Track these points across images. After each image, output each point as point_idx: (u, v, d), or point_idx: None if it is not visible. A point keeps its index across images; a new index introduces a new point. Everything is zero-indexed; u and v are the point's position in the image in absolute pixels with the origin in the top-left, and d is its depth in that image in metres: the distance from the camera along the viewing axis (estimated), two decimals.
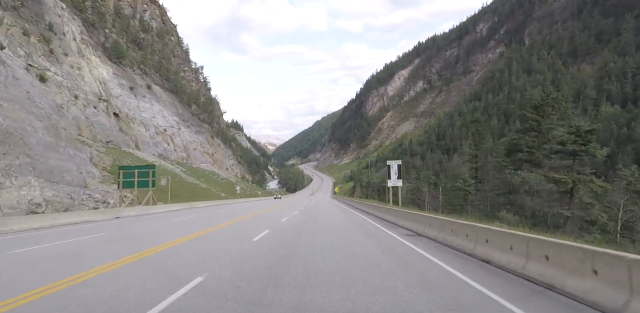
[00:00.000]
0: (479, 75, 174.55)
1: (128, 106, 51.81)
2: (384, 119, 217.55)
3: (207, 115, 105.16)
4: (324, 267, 6.09)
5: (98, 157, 30.69)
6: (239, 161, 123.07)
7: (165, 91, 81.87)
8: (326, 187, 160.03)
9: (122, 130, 46.38)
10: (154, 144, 54.15)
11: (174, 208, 26.69)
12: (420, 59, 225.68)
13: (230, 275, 5.32)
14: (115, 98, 48.56)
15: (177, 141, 64.06)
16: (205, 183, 54.10)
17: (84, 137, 35.19)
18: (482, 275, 5.64)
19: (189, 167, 60.82)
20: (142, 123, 54.44)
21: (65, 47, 40.39)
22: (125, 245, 9.07)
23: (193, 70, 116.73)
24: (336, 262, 6.56)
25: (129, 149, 44.83)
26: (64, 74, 37.37)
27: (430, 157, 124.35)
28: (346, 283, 4.95)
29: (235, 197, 54.96)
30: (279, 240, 9.69)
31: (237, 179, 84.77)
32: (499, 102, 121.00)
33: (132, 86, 56.78)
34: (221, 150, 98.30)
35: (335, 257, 7.12)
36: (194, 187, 43.78)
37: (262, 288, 4.56)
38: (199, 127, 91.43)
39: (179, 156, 62.86)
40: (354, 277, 5.33)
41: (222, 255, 7.26)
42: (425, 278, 5.33)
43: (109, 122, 41.90)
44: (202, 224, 14.48)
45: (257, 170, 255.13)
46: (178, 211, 24.17)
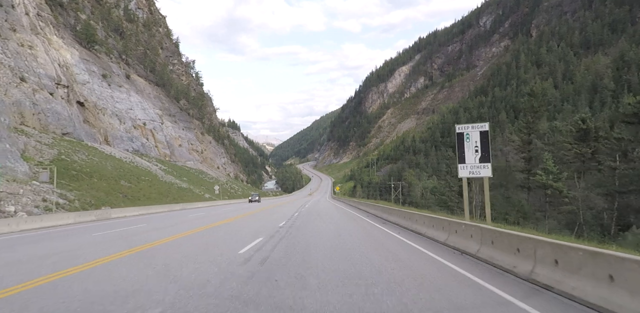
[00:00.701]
0: (483, 70, 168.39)
1: (98, 95, 45.26)
2: (385, 116, 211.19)
3: (197, 110, 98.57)
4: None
5: (35, 150, 24.15)
6: (233, 160, 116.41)
7: (150, 83, 75.38)
8: (325, 186, 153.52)
9: (88, 122, 39.87)
10: (129, 139, 47.63)
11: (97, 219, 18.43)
12: (421, 54, 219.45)
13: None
14: (81, 85, 42.02)
15: (160, 136, 57.51)
16: (189, 182, 47.54)
17: (28, 126, 28.61)
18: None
19: (171, 165, 54.26)
20: (116, 115, 47.90)
21: (14, 21, 33.78)
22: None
23: (183, 64, 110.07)
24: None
25: (95, 143, 38.29)
26: (7, 51, 30.76)
27: (435, 154, 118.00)
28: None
29: (223, 198, 48.46)
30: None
31: (228, 179, 78.13)
32: (507, 96, 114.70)
33: (105, 74, 50.20)
34: (212, 148, 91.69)
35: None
36: (168, 187, 37.29)
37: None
38: (188, 122, 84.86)
39: (161, 153, 56.30)
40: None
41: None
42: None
43: (68, 111, 35.31)
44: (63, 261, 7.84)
45: (254, 170, 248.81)
46: (92, 224, 15.33)
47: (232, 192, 61.01)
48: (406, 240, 10.28)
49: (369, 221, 16.50)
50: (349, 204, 38.05)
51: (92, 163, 28.90)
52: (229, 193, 58.06)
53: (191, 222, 15.68)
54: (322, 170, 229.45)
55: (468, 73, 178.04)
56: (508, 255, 5.84)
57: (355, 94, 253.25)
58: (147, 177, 35.77)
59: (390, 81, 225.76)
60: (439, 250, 8.04)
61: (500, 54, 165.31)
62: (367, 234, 11.78)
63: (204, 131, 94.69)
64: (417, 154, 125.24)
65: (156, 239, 9.72)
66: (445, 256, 7.23)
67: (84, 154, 30.17)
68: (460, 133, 12.13)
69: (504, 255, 5.94)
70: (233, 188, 68.12)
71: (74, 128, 34.84)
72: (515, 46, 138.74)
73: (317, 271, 5.66)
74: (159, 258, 6.69)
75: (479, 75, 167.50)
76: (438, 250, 8.04)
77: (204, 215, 19.72)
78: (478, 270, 5.89)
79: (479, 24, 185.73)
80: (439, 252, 7.76)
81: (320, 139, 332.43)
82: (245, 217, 18.60)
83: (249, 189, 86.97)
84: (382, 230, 13.22)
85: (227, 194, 55.73)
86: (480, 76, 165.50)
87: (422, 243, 9.44)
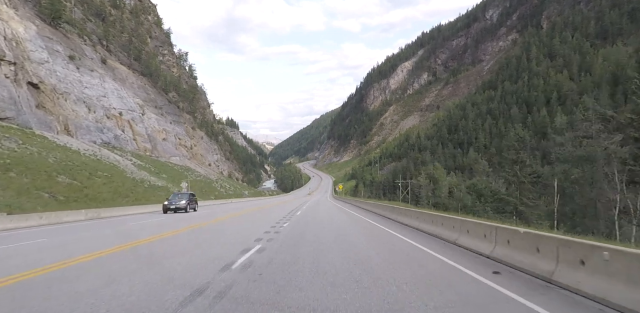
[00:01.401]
0: (490, 65, 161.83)
1: (60, 78, 38.70)
2: (387, 113, 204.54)
3: (188, 104, 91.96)
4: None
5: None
6: (228, 157, 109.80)
7: (134, 72, 68.91)
8: (326, 186, 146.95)
9: (44, 107, 33.38)
10: (98, 129, 41.09)
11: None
12: (424, 49, 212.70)
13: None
14: (36, 64, 35.51)
15: (139, 129, 50.99)
16: (169, 180, 41.02)
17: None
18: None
19: (151, 160, 47.74)
20: (84, 102, 41.37)
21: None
22: None
23: (175, 55, 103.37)
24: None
25: (49, 131, 31.78)
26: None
27: (441, 151, 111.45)
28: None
29: (209, 198, 42.00)
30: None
31: (219, 177, 71.57)
32: (518, 90, 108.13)
33: (73, 56, 43.66)
34: (204, 144, 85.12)
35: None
36: (134, 185, 30.73)
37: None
38: (177, 116, 78.29)
39: (141, 146, 49.78)
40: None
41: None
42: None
43: (12, 92, 28.79)
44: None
45: (252, 169, 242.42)
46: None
47: (220, 191, 54.48)
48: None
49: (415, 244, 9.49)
50: (356, 206, 31.49)
51: (21, 154, 22.43)
52: (217, 193, 51.58)
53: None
54: (322, 169, 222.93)
55: (474, 68, 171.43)
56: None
57: (356, 90, 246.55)
58: (108, 173, 29.27)
59: (393, 77, 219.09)
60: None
61: (508, 48, 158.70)
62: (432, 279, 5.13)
63: (195, 126, 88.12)
64: (422, 151, 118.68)
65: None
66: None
67: (15, 142, 23.66)
68: None
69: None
70: (223, 186, 61.55)
71: (19, 112, 28.36)
72: (525, 39, 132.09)
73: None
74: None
75: (486, 69, 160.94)
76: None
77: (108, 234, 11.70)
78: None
79: (485, 17, 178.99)
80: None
81: (320, 138, 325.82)
82: (180, 233, 11.48)
83: (243, 188, 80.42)
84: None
85: (214, 194, 49.25)
86: (487, 71, 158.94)
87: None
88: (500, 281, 4.88)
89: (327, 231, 11.92)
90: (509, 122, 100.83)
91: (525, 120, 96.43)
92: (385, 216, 19.07)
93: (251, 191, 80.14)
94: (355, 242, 9.38)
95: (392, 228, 13.33)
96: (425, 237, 10.61)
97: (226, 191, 57.93)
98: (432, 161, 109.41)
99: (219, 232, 11.75)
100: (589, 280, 4.01)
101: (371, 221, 16.75)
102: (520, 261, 5.54)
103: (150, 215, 20.30)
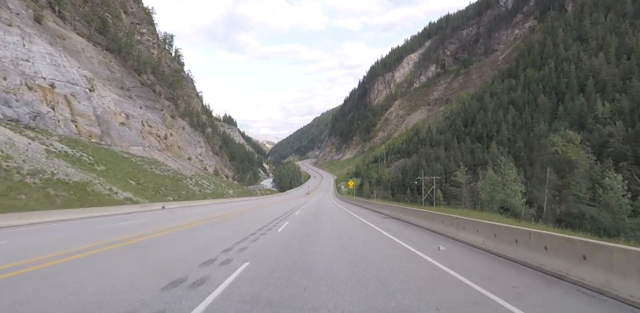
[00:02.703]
0: (505, 54, 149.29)
1: None
2: (392, 108, 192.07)
3: (168, 89, 79.63)
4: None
5: None
6: (217, 152, 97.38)
7: (95, 45, 56.78)
8: (327, 184, 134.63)
9: None
10: (3, 102, 28.87)
11: None
12: (431, 40, 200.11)
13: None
14: None
15: (82, 108, 38.78)
16: (107, 175, 28.76)
17: None
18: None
19: (95, 148, 35.50)
20: None
21: None
22: None
23: (156, 35, 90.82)
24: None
25: None
26: None
27: (457, 146, 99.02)
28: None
29: (160, 200, 29.85)
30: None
31: (198, 172, 59.17)
32: (545, 77, 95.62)
33: None
34: (185, 135, 72.81)
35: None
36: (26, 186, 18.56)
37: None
38: (152, 101, 66.03)
39: (82, 130, 37.58)
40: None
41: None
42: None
43: None
44: None
45: (249, 167, 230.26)
46: None
47: (193, 190, 42.25)
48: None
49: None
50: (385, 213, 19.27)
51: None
52: (186, 192, 39.31)
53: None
54: (323, 167, 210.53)
55: (487, 58, 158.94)
56: None
57: (359, 85, 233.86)
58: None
59: (398, 70, 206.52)
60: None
61: (524, 36, 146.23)
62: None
63: (175, 114, 75.68)
64: (434, 147, 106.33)
65: None
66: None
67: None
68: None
69: None
70: (200, 184, 49.23)
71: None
72: (548, 23, 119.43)
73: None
74: None
75: (501, 59, 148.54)
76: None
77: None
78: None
79: (498, 4, 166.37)
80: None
81: (320, 136, 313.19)
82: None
83: (230, 187, 68.00)
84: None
85: (180, 193, 36.97)
86: (502, 60, 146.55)
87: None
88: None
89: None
90: (535, 112, 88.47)
91: (555, 110, 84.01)
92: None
93: (238, 190, 67.80)
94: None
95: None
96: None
97: (202, 190, 45.73)
98: (448, 157, 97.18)
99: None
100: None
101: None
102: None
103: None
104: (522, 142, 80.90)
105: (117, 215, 20.02)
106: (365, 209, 26.80)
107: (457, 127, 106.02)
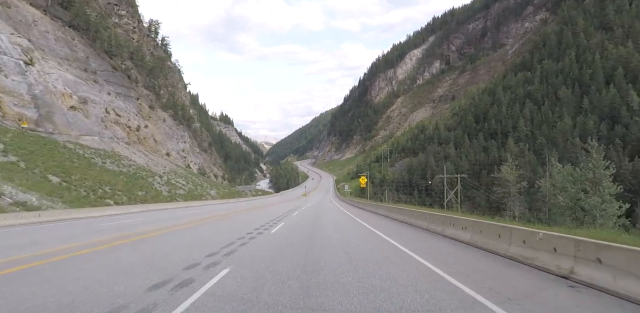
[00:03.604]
0: (514, 48, 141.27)
1: None
2: (394, 106, 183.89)
3: (149, 78, 71.21)
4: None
5: None
6: (205, 149, 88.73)
7: (54, 20, 48.43)
8: (326, 185, 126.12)
9: None
10: None
11: None
12: (435, 36, 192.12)
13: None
14: None
15: (11, 84, 30.10)
16: (20, 174, 20.20)
17: None
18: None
19: (20, 135, 26.89)
20: None
21: None
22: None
23: (137, 19, 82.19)
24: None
25: None
26: None
27: (469, 144, 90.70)
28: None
29: (132, 202, 21.28)
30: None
31: (176, 170, 50.39)
32: (565, 69, 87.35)
33: None
34: (165, 128, 64.23)
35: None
36: None
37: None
38: (125, 88, 57.63)
39: (9, 112, 28.92)
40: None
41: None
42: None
43: None
44: None
45: (245, 167, 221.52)
46: None
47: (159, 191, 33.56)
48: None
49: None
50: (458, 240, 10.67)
51: None
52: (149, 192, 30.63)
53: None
54: (322, 167, 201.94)
55: (495, 53, 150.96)
56: None
57: (360, 82, 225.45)
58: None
59: (400, 67, 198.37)
60: None
61: (535, 29, 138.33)
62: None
63: (156, 105, 67.12)
64: (442, 144, 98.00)
65: None
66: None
67: None
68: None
69: None
70: (173, 183, 40.53)
71: None
72: (564, 13, 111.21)
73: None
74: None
75: (511, 53, 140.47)
76: None
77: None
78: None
79: None
80: None
81: (319, 136, 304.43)
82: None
83: (215, 186, 59.45)
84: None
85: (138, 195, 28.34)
86: (512, 54, 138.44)
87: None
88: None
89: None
90: (556, 106, 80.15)
91: (580, 103, 75.71)
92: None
93: (224, 191, 59.05)
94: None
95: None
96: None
97: (173, 190, 37.13)
98: (459, 155, 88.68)
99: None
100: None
101: None
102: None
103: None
104: (544, 138, 72.47)
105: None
106: (386, 219, 18.34)
107: (468, 123, 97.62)
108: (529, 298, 4.33)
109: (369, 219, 18.02)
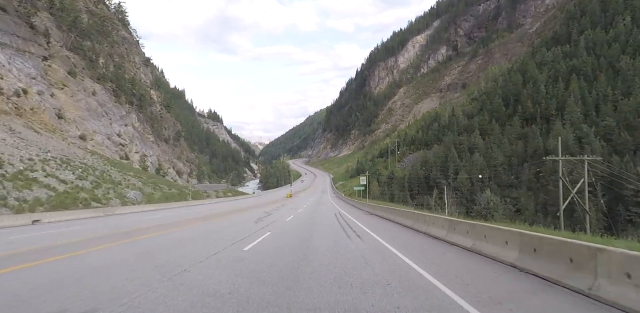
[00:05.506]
0: (535, 27, 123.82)
1: None
2: (396, 96, 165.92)
3: (77, 37, 51.93)
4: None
5: None
6: (166, 139, 69.53)
7: None
8: (322, 184, 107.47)
9: None
10: None
11: None
12: (440, 20, 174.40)
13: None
14: None
15: None
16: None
17: None
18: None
19: None
20: None
21: None
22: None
23: None
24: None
25: None
26: None
27: (500, 131, 72.65)
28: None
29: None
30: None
31: (71, 159, 31.40)
32: (619, 36, 69.71)
33: None
34: (93, 104, 45.11)
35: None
36: None
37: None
38: (20, 39, 38.45)
39: None
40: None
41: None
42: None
43: None
44: None
45: (234, 166, 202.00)
46: None
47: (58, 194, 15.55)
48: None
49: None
50: None
51: None
52: None
53: None
54: (317, 165, 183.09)
55: (512, 34, 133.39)
56: None
57: (357, 73, 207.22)
58: None
59: (402, 55, 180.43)
60: None
61: (559, 5, 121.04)
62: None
63: (83, 73, 47.89)
64: (462, 134, 79.86)
65: None
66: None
67: None
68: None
69: None
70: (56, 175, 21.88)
71: None
72: None
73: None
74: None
75: (531, 33, 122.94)
76: None
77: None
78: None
79: None
80: None
81: (314, 135, 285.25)
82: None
83: (147, 186, 40.26)
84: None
85: None
86: (532, 34, 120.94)
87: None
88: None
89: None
90: (615, 80, 62.51)
91: None
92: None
93: (171, 191, 40.09)
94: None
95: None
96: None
97: (70, 190, 18.88)
98: (488, 145, 70.66)
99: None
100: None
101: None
102: None
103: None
104: (612, 118, 54.49)
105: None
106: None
107: (495, 108, 79.44)
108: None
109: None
